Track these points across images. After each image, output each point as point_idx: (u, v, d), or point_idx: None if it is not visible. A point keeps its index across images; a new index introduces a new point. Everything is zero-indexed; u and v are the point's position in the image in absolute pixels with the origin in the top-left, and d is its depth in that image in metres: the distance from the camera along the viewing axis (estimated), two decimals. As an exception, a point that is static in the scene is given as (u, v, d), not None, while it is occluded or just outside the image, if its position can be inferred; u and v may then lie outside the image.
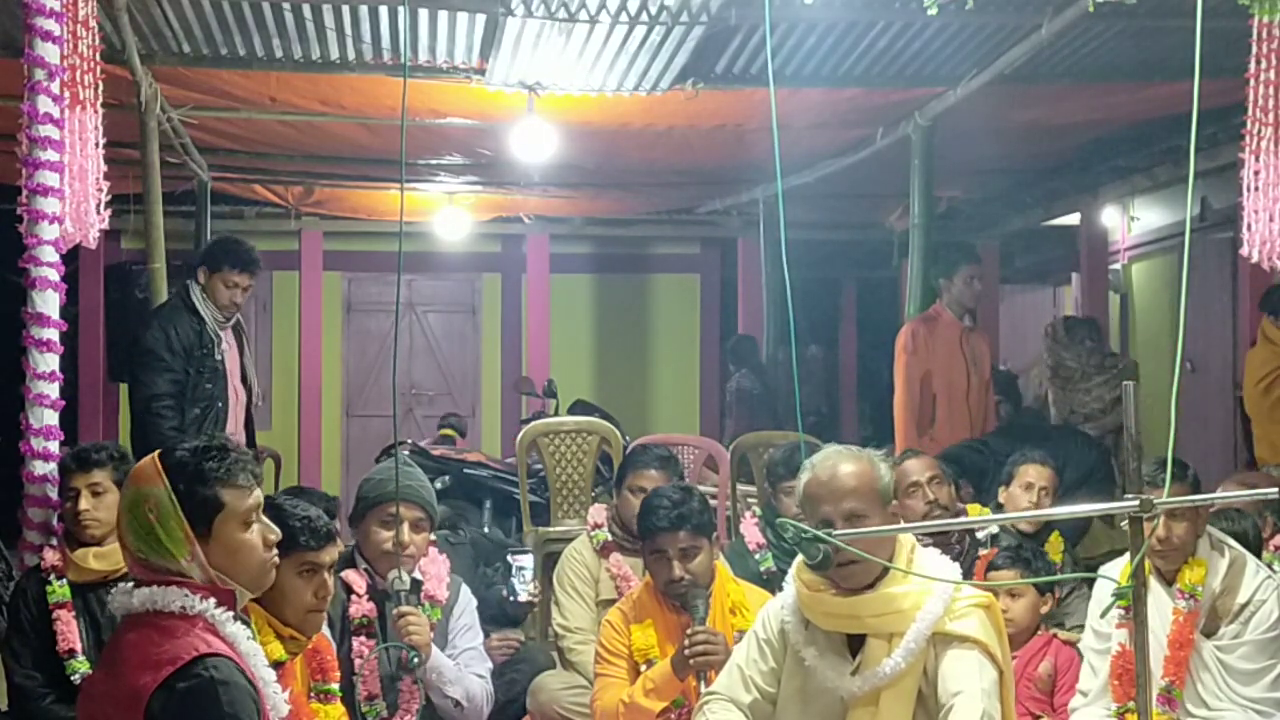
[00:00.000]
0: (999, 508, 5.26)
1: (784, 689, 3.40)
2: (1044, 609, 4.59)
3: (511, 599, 5.77)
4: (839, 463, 3.31)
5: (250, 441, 6.48)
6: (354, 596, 4.17)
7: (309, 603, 3.53)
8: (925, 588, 3.23)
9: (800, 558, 3.29)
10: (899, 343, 7.29)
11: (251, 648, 2.66)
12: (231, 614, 2.65)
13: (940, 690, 3.19)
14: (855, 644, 3.30)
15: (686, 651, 3.93)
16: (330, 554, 3.66)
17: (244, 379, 6.34)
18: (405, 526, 4.20)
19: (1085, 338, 8.81)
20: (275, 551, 2.78)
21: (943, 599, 3.23)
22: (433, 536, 4.53)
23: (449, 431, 11.63)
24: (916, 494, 4.92)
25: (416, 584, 4.27)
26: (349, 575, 4.21)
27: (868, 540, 3.19)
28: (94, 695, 2.64)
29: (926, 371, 7.21)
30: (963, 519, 5.02)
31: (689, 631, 3.97)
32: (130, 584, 2.68)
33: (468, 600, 4.41)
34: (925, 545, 3.48)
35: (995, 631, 3.26)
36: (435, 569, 4.33)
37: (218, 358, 6.09)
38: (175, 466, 2.67)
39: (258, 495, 2.74)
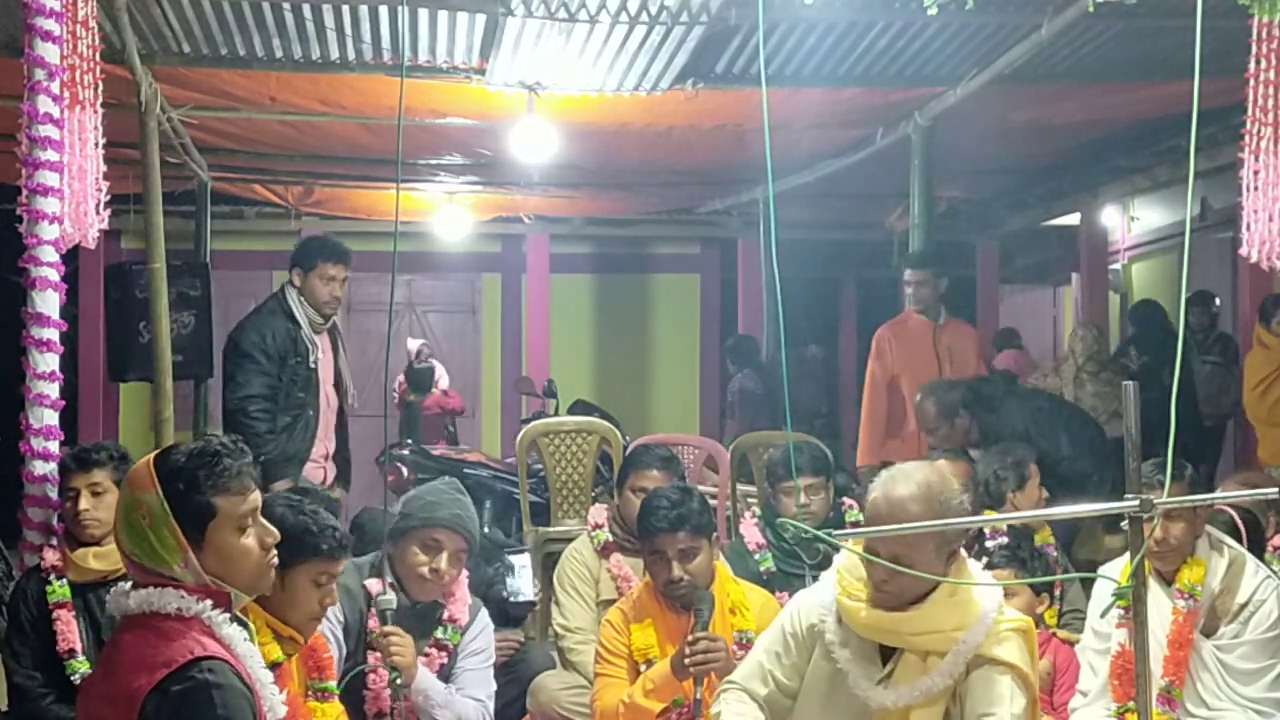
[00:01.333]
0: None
1: (807, 685, 3.36)
2: (1040, 609, 4.58)
3: (513, 599, 5.76)
4: (907, 504, 3.19)
5: (342, 447, 6.46)
6: (374, 609, 4.12)
7: (314, 610, 3.53)
8: (969, 611, 3.19)
9: (842, 559, 3.27)
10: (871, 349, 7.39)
11: (248, 649, 2.65)
12: (228, 615, 2.64)
13: (968, 710, 3.15)
14: (886, 651, 3.27)
15: (687, 659, 3.92)
16: (343, 565, 3.66)
17: (337, 383, 6.35)
18: (445, 556, 4.16)
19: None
20: (274, 554, 2.76)
21: (985, 625, 3.18)
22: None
23: (415, 398, 11.56)
24: None
25: (438, 605, 4.25)
26: (374, 585, 4.15)
27: (916, 561, 3.14)
28: (91, 696, 2.64)
29: (895, 375, 7.26)
30: (967, 519, 4.99)
31: (690, 637, 3.96)
32: (127, 585, 2.68)
33: (483, 624, 4.36)
34: None
35: (1030, 656, 3.24)
36: (459, 590, 4.28)
37: (311, 365, 6.13)
38: (168, 473, 2.67)
39: (254, 499, 2.73)
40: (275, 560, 2.78)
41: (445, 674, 4.18)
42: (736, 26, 5.90)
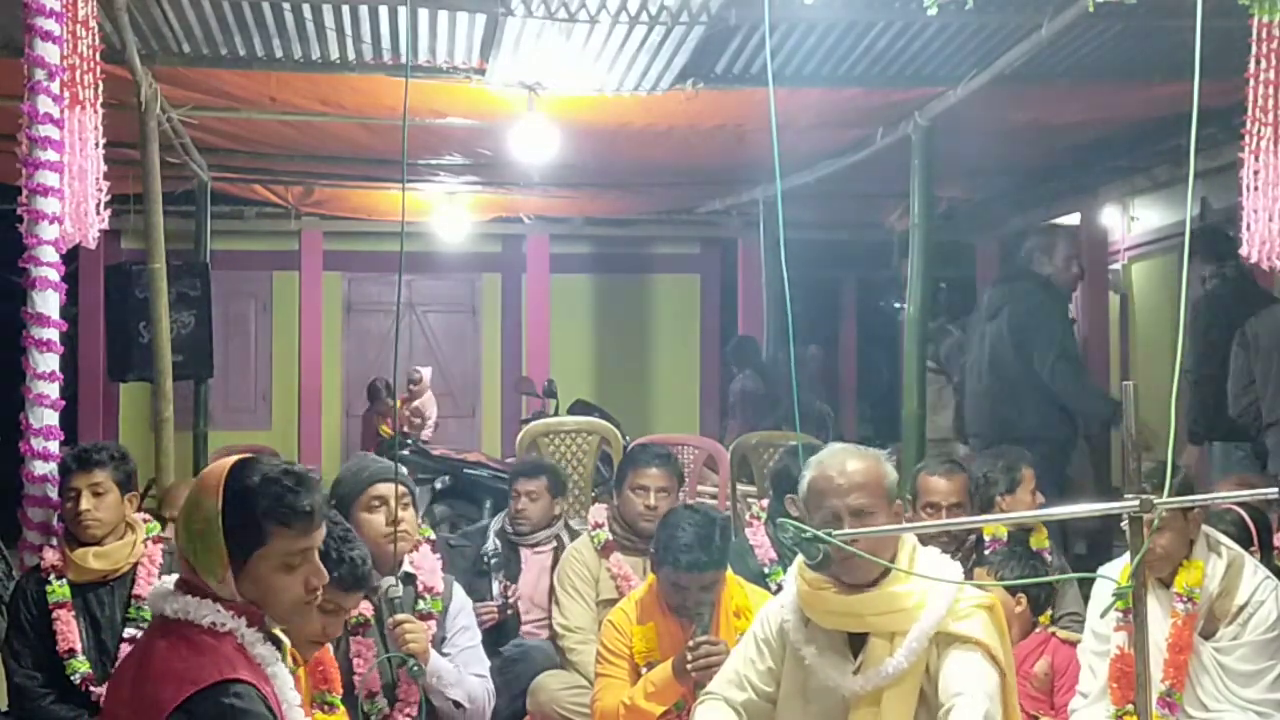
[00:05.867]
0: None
1: (784, 688, 3.40)
2: (1017, 609, 4.55)
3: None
4: (847, 459, 3.32)
5: None
6: (380, 600, 4.11)
7: (315, 634, 3.51)
8: (928, 586, 3.23)
9: (800, 557, 3.29)
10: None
11: (279, 670, 2.63)
12: (261, 635, 2.62)
13: (941, 690, 3.18)
14: (856, 643, 3.29)
15: (689, 663, 3.92)
16: (355, 600, 3.67)
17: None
18: (392, 504, 4.16)
19: None
20: (318, 595, 2.70)
21: (946, 598, 3.22)
22: (432, 536, 4.51)
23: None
24: (934, 515, 4.87)
25: (410, 578, 4.25)
26: None
27: (870, 538, 3.19)
28: (119, 699, 2.62)
29: None
30: (962, 520, 4.99)
31: (691, 641, 3.95)
32: (171, 582, 2.67)
33: (463, 600, 4.39)
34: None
35: (998, 633, 3.26)
36: (427, 562, 4.30)
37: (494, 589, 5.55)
38: (234, 490, 2.61)
39: (313, 538, 2.66)
40: (316, 601, 2.71)
41: (436, 646, 4.19)
42: (736, 26, 5.90)
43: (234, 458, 2.71)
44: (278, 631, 2.71)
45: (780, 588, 4.97)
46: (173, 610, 2.59)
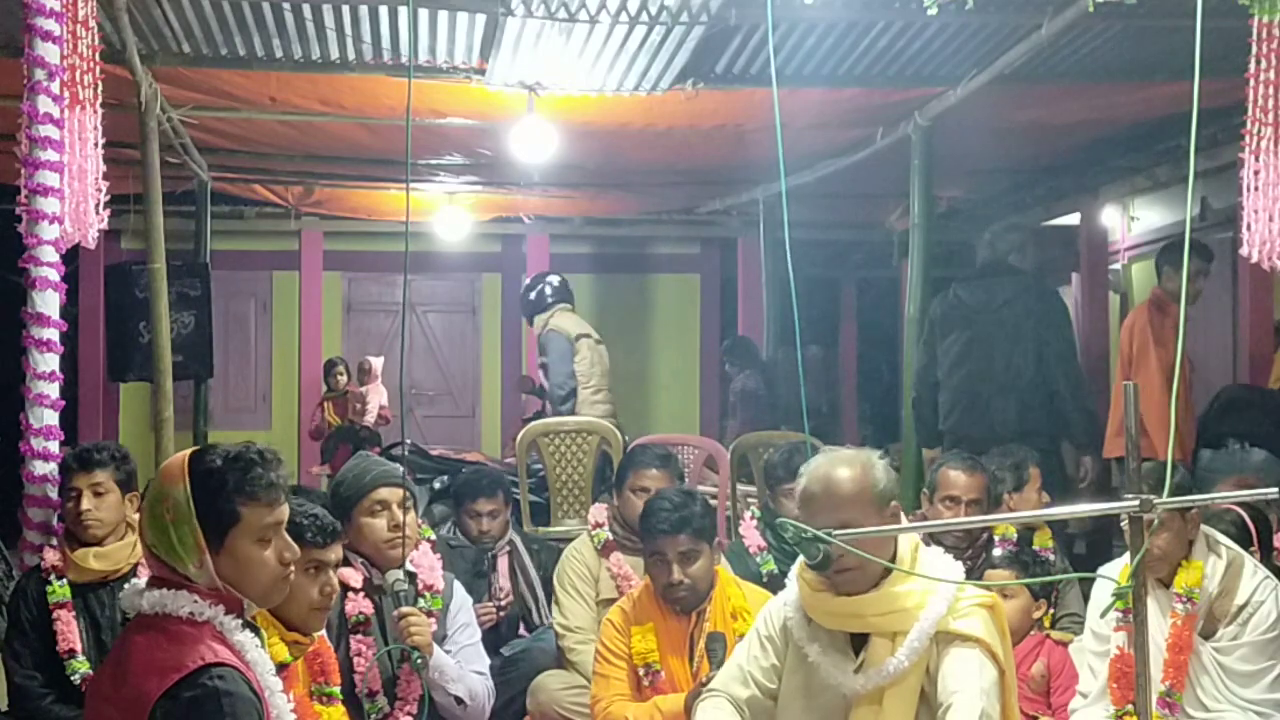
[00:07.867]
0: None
1: (786, 685, 3.40)
2: (1036, 613, 4.56)
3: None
4: (832, 471, 3.27)
5: None
6: (350, 594, 4.15)
7: (314, 600, 3.53)
8: (929, 586, 3.23)
9: (801, 557, 3.28)
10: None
11: (259, 656, 2.64)
12: (240, 621, 2.63)
13: (940, 688, 3.19)
14: (858, 641, 3.30)
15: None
16: (335, 552, 3.68)
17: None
18: (394, 509, 4.20)
19: None
20: (292, 569, 2.73)
21: (946, 597, 3.23)
22: (432, 536, 4.53)
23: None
24: (953, 509, 4.87)
25: (411, 576, 4.27)
26: (344, 573, 4.18)
27: (867, 541, 3.18)
28: (100, 698, 2.63)
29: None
30: (962, 520, 4.99)
31: (704, 678, 3.91)
32: (142, 582, 2.67)
33: (463, 598, 4.42)
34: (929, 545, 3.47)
35: (998, 631, 3.26)
36: (427, 560, 4.33)
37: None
38: (200, 473, 2.64)
39: (280, 512, 2.69)
40: (291, 575, 2.74)
41: (437, 644, 4.20)
42: (736, 26, 5.90)
43: (187, 450, 2.73)
44: (255, 620, 2.73)
45: (770, 577, 5.01)
46: (149, 604, 2.60)
